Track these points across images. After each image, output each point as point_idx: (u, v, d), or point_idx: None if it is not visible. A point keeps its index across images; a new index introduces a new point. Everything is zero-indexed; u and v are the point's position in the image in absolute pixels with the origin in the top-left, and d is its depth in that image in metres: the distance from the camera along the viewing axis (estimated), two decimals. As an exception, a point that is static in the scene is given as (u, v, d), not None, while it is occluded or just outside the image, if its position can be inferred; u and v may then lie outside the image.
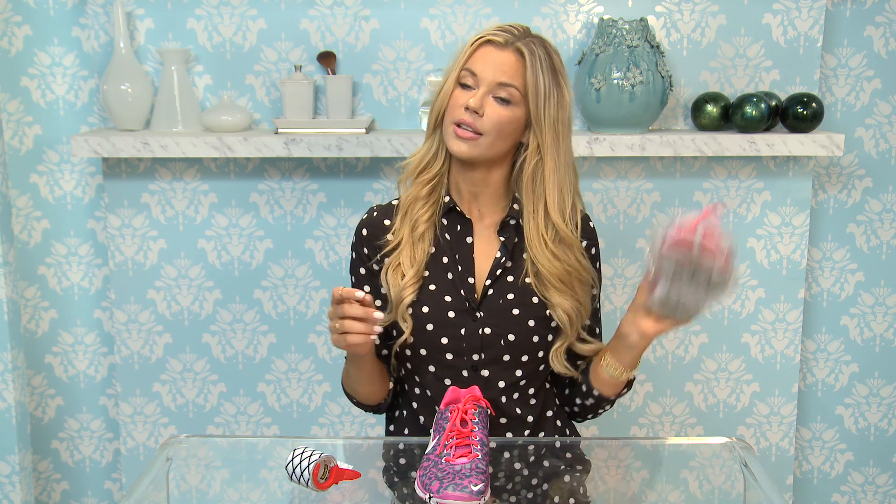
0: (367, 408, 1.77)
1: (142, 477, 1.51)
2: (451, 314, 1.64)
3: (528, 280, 1.65)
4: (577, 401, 1.73)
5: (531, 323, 1.65)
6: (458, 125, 1.59)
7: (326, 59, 2.32)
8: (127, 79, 2.28)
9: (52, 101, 2.41)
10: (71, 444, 2.60)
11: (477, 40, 1.60)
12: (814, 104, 2.29)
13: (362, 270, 1.71)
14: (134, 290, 2.44)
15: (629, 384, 1.71)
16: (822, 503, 2.71)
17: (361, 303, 1.50)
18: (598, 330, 1.77)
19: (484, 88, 1.58)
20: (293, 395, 2.51)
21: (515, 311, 1.64)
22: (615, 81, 2.23)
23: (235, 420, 2.52)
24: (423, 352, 1.66)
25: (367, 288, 1.69)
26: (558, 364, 1.67)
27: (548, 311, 1.65)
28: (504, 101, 1.59)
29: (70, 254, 2.50)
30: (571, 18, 2.35)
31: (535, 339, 1.66)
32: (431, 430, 1.51)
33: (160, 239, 2.42)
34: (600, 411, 1.74)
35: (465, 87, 1.60)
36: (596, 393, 1.69)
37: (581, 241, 1.68)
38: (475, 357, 1.65)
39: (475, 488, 1.33)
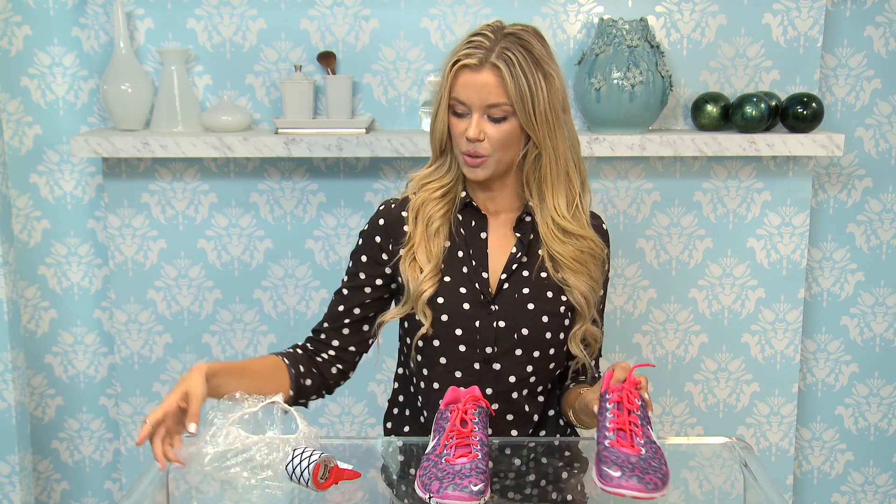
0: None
1: (142, 477, 1.51)
2: (467, 306, 1.65)
3: (543, 275, 1.67)
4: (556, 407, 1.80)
5: (545, 319, 1.66)
6: (468, 155, 1.62)
7: (326, 59, 2.32)
8: (127, 79, 2.27)
9: (52, 101, 2.41)
10: (71, 444, 2.60)
11: (454, 65, 1.59)
12: (814, 104, 2.29)
13: (364, 258, 1.72)
14: (134, 290, 2.44)
15: None
16: (822, 503, 2.71)
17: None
18: (600, 322, 1.79)
19: (476, 114, 1.59)
20: (293, 395, 2.51)
21: (530, 306, 1.66)
22: (615, 81, 2.23)
23: (235, 420, 2.52)
24: (436, 343, 1.67)
25: (362, 276, 1.72)
26: (575, 347, 1.70)
27: (561, 308, 1.67)
28: (499, 120, 1.60)
29: (70, 254, 2.50)
30: (571, 18, 2.35)
31: (548, 335, 1.67)
32: (431, 430, 1.51)
33: (160, 239, 2.42)
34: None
35: (458, 115, 1.62)
36: (562, 422, 1.79)
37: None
38: (488, 350, 1.66)
39: (475, 488, 1.33)
